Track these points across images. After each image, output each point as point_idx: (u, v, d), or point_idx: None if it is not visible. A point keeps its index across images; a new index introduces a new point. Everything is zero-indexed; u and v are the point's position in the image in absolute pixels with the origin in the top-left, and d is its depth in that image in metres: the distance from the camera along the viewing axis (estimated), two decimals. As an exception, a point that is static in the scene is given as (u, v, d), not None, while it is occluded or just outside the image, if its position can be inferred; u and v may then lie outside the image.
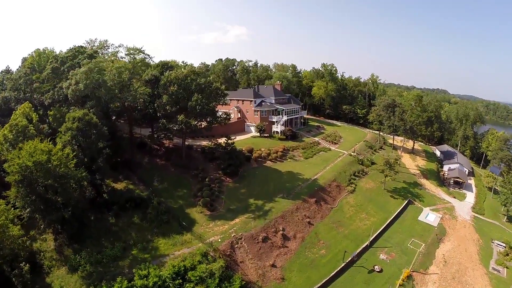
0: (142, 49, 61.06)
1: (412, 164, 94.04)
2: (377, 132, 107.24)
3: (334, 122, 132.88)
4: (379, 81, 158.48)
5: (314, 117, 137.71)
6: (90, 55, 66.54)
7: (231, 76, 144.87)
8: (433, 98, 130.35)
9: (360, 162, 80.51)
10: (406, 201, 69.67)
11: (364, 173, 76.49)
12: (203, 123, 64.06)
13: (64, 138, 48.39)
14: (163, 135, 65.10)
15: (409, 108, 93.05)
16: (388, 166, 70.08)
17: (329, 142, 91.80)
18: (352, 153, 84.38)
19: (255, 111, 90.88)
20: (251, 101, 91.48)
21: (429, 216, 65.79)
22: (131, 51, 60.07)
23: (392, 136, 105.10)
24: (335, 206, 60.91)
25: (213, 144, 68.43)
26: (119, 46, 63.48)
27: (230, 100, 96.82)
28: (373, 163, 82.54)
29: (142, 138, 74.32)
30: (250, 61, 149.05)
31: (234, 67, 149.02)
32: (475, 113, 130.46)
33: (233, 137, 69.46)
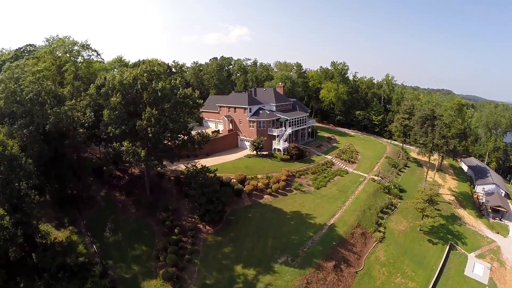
0: (87, 44, 42.95)
1: (444, 186, 76.32)
2: (398, 144, 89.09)
3: (346, 130, 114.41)
4: (394, 82, 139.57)
5: (323, 125, 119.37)
6: (38, 56, 48.66)
7: (227, 77, 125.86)
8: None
9: (387, 191, 62.32)
10: (448, 246, 53.05)
11: (393, 207, 58.34)
12: (169, 142, 45.24)
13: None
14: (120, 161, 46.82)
15: (450, 120, 73.76)
16: (429, 202, 51.90)
17: (345, 161, 73.17)
18: (375, 177, 65.97)
19: (250, 121, 71.88)
20: (245, 109, 72.37)
21: (477, 269, 50.86)
22: (71, 47, 41.59)
23: (415, 148, 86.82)
24: (361, 268, 42.65)
25: (189, 171, 48.37)
26: (55, 41, 43.77)
27: (220, 107, 78.65)
28: (401, 190, 64.71)
29: (101, 161, 55.79)
30: (249, 59, 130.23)
31: (231, 66, 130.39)
32: (507, 121, 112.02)
33: (215, 158, 51.34)
